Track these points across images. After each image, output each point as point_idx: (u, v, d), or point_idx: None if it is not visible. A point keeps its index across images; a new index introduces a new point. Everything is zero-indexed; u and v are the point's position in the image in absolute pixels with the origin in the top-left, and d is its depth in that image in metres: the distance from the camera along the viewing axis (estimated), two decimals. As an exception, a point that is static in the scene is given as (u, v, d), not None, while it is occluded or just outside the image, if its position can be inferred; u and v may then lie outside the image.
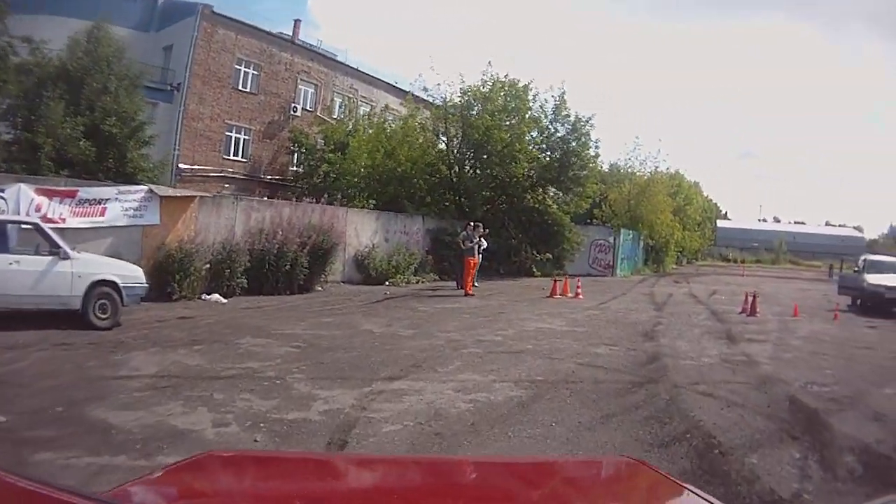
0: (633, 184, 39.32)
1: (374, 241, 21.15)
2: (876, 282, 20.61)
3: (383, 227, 21.96)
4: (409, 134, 27.23)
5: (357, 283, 20.04)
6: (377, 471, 2.48)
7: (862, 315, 19.61)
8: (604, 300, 20.33)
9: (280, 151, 32.79)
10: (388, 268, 20.72)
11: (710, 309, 19.45)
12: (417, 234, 23.47)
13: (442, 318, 14.10)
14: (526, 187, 27.89)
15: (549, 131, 28.30)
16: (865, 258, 22.93)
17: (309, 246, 16.79)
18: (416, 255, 22.39)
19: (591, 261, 33.00)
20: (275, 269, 16.16)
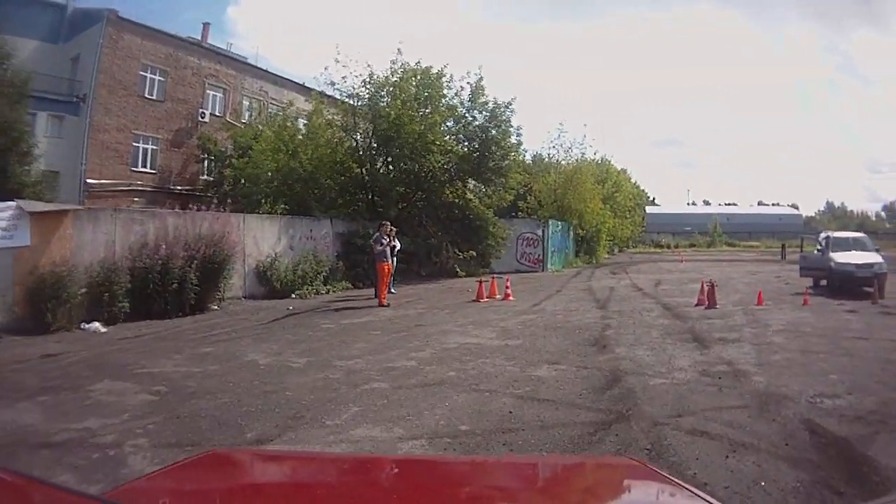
0: (558, 172, 38.47)
1: (277, 249, 19.67)
2: (844, 260, 19.35)
3: (287, 233, 20.45)
4: (315, 132, 25.98)
5: (260, 298, 18.38)
6: (377, 471, 2.61)
7: (831, 297, 18.20)
8: (537, 300, 18.19)
9: (189, 160, 32.44)
10: (293, 278, 19.28)
11: (662, 303, 17.50)
12: (326, 239, 22.02)
13: (346, 337, 11.97)
14: (444, 181, 26.78)
15: (466, 120, 27.11)
16: (829, 235, 21.58)
17: (198, 260, 15.38)
18: (325, 262, 20.88)
19: (518, 256, 31.47)
20: (160, 289, 14.68)
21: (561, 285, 23.36)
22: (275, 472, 2.40)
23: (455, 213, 26.95)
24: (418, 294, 19.83)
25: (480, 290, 18.28)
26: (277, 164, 24.73)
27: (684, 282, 24.61)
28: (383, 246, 17.25)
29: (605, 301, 17.96)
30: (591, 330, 12.62)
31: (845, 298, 17.66)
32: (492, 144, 26.58)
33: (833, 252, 20.02)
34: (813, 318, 14.34)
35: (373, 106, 24.98)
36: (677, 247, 74.08)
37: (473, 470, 2.67)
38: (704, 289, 16.83)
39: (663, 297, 18.81)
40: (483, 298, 17.97)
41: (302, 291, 19.07)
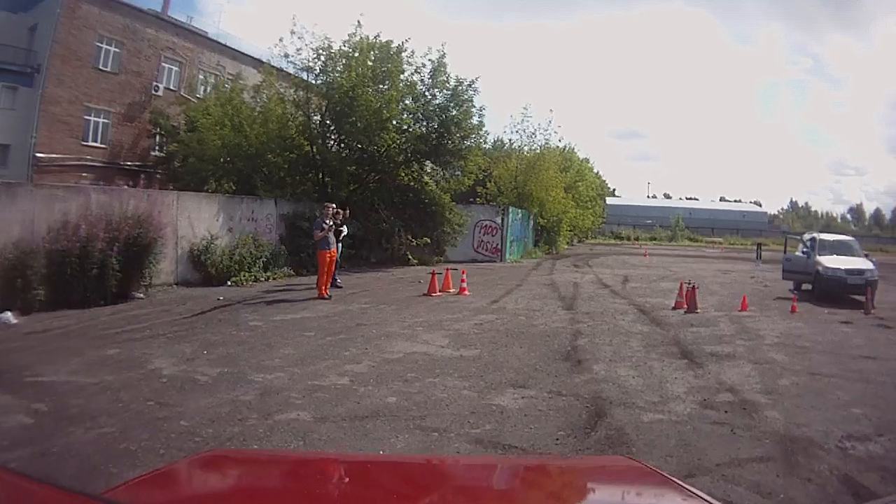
0: (520, 158, 37.31)
1: (214, 231, 18.33)
2: (833, 265, 18.27)
3: (226, 214, 19.08)
4: (264, 107, 24.97)
5: (194, 285, 17.04)
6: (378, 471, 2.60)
7: (818, 304, 17.16)
8: (496, 296, 16.64)
9: (141, 135, 32.02)
10: (229, 264, 17.97)
11: (635, 304, 16.08)
12: (269, 221, 20.82)
13: (274, 339, 10.36)
14: (399, 163, 25.76)
15: (425, 98, 25.84)
16: (815, 237, 20.47)
17: (120, 242, 14.13)
18: (266, 246, 19.56)
19: (475, 244, 30.01)
20: (79, 275, 13.41)
21: (521, 278, 21.90)
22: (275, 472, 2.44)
23: (410, 196, 25.97)
24: (365, 284, 18.39)
25: (433, 282, 16.68)
26: (223, 140, 23.53)
27: (653, 279, 23.38)
28: (324, 231, 15.50)
29: (571, 300, 16.47)
30: (561, 337, 11.07)
31: (833, 306, 16.71)
32: (451, 125, 25.43)
33: (820, 255, 18.96)
34: (808, 329, 13.15)
35: (326, 79, 23.87)
36: (637, 239, 73.51)
37: (473, 470, 2.75)
38: (684, 290, 15.50)
39: (635, 297, 17.43)
40: (436, 292, 16.39)
41: (238, 278, 17.79)
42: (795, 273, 20.37)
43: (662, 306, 15.62)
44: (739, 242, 73.53)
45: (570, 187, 45.12)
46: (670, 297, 16.99)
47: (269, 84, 25.27)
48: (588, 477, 2.54)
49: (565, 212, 41.93)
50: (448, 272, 17.80)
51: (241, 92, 26.39)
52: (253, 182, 23.28)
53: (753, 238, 76.85)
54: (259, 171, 23.59)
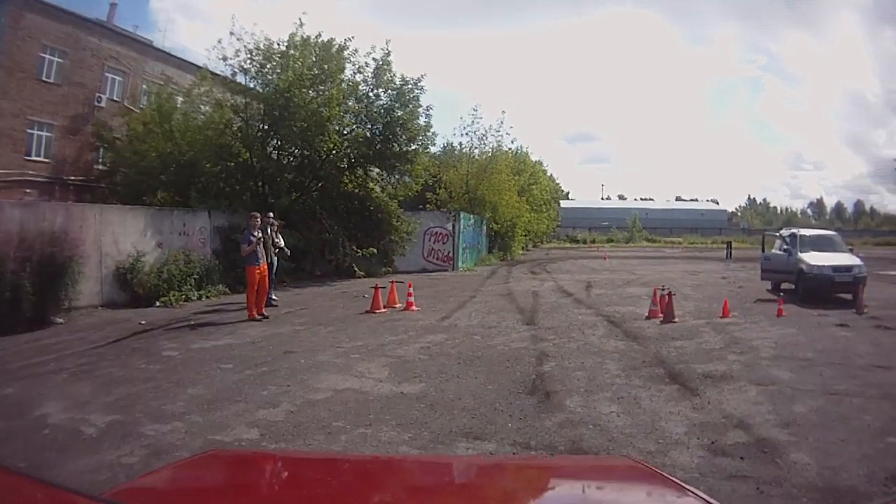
0: (471, 161, 36.37)
1: (141, 248, 17.26)
2: (818, 263, 17.25)
3: (154, 228, 18.08)
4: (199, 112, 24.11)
5: (121, 306, 15.92)
6: (378, 470, 2.69)
7: (804, 305, 16.05)
8: (447, 311, 15.10)
9: (85, 148, 30.69)
10: (158, 283, 16.93)
11: (603, 314, 14.66)
12: (202, 235, 19.75)
13: (185, 375, 8.94)
14: (343, 169, 25.06)
15: (369, 99, 25.03)
16: (795, 233, 19.40)
17: (33, 262, 13.29)
18: (197, 262, 18.34)
19: (426, 253, 28.77)
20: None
21: (475, 289, 20.41)
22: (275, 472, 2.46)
23: (355, 204, 25.01)
24: (304, 301, 17.10)
25: (376, 298, 15.08)
26: (156, 150, 22.55)
27: (618, 284, 22.10)
28: (252, 244, 13.89)
29: (531, 312, 14.98)
30: (523, 362, 9.51)
31: (820, 306, 15.68)
32: (397, 126, 24.69)
33: (802, 253, 17.89)
34: (803, 336, 11.98)
35: (262, 80, 22.98)
36: (594, 242, 73.15)
37: (473, 470, 2.78)
38: (658, 297, 14.16)
39: (602, 306, 16.00)
40: (379, 309, 14.84)
41: (168, 298, 16.62)
42: (776, 273, 19.37)
43: (634, 316, 14.27)
44: (700, 241, 73.71)
45: (523, 191, 44.65)
46: (641, 304, 15.78)
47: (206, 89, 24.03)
48: (588, 477, 2.52)
49: (519, 216, 41.17)
50: (393, 285, 16.27)
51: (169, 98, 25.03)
52: (188, 193, 22.26)
53: (713, 237, 77.51)
54: (195, 181, 22.58)
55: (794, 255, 18.14)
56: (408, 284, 16.16)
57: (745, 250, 57.32)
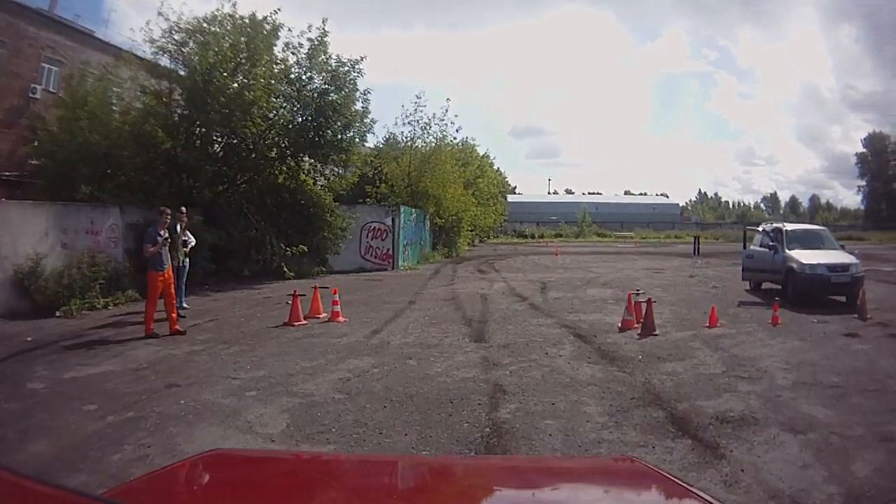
0: (414, 152, 34.25)
1: (42, 249, 15.37)
2: (811, 261, 15.29)
3: (57, 226, 16.04)
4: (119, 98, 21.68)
5: (21, 317, 13.91)
6: (378, 470, 2.68)
7: (797, 310, 14.03)
8: (380, 322, 12.61)
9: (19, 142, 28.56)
10: (59, 289, 14.97)
11: (567, 325, 12.29)
12: (113, 233, 17.64)
13: (32, 422, 6.95)
14: (273, 159, 23.10)
15: (301, 82, 22.92)
16: (780, 228, 17.35)
17: None
18: (102, 266, 16.19)
19: (363, 251, 26.29)
20: None
21: (415, 292, 17.93)
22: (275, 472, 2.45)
23: (286, 197, 23.06)
24: (218, 310, 14.81)
25: (295, 307, 12.58)
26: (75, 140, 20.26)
27: (577, 284, 19.81)
28: (157, 244, 11.59)
29: (480, 323, 12.54)
30: (472, 404, 7.03)
31: (813, 310, 13.89)
32: (330, 111, 22.56)
33: (791, 250, 15.96)
34: (814, 352, 10.02)
35: (182, 61, 20.98)
36: (542, 237, 71.23)
37: (473, 470, 2.82)
38: (633, 304, 11.92)
39: (565, 314, 13.65)
40: (299, 321, 12.37)
41: (69, 307, 14.62)
42: (759, 272, 17.46)
43: (605, 327, 11.97)
44: (652, 236, 72.63)
45: (469, 184, 42.51)
46: (609, 311, 13.76)
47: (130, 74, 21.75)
48: (589, 477, 2.52)
49: (465, 210, 38.91)
50: (317, 291, 13.72)
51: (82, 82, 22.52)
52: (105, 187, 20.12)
53: (666, 231, 76.52)
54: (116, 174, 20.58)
55: (781, 252, 16.19)
56: (333, 291, 13.53)
57: (706, 245, 55.67)
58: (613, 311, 13.80)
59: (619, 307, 14.37)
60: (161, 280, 11.56)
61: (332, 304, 13.04)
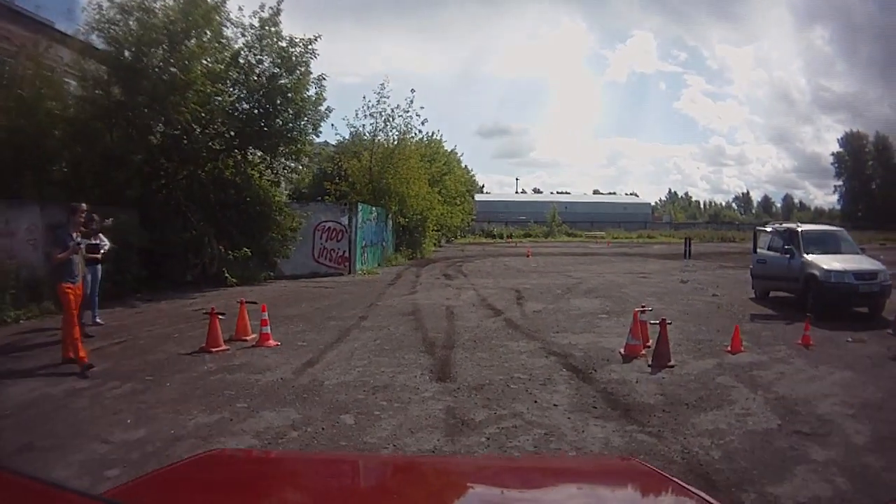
0: (376, 145, 31.92)
1: None
2: (834, 267, 13.27)
3: None
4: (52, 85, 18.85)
5: None
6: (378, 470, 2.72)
7: (819, 324, 11.63)
8: (319, 347, 10.02)
9: None
10: None
11: (554, 352, 9.77)
12: (31, 235, 15.47)
13: None
14: (217, 150, 20.71)
15: (249, 64, 20.54)
16: (795, 229, 15.17)
17: None
18: (11, 273, 13.97)
19: (317, 253, 23.53)
20: None
21: (370, 303, 15.33)
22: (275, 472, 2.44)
23: (231, 194, 20.48)
24: (134, 327, 12.36)
25: (214, 328, 9.97)
26: None
27: (557, 293, 17.33)
28: (69, 250, 9.43)
29: (445, 349, 9.93)
30: None
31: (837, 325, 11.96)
32: (279, 96, 20.29)
33: (810, 254, 13.87)
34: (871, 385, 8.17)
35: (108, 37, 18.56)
36: (511, 236, 68.81)
37: (473, 470, 2.80)
38: (639, 328, 9.52)
39: (549, 335, 11.14)
40: (218, 346, 9.81)
41: None
42: (772, 280, 15.25)
43: (603, 353, 9.51)
44: (624, 236, 70.77)
45: (435, 181, 39.97)
46: (603, 329, 11.52)
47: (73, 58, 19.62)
48: (588, 477, 2.51)
49: (430, 209, 36.37)
50: (243, 307, 10.99)
51: None
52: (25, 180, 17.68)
53: (638, 231, 74.77)
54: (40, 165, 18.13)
55: (798, 257, 14.03)
56: (262, 308, 10.85)
57: (681, 246, 53.67)
58: (608, 329, 11.42)
59: (614, 323, 12.04)
60: (73, 293, 9.22)
61: (260, 325, 10.45)
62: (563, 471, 2.73)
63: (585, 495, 2.23)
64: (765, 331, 11.51)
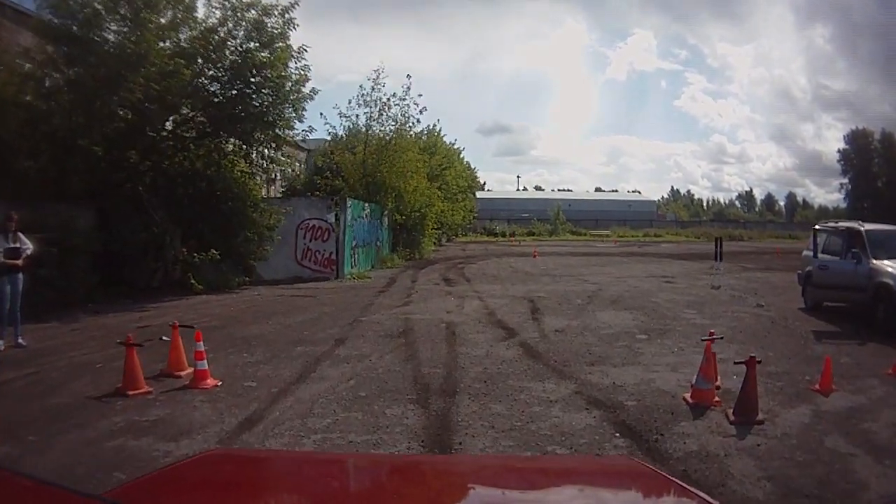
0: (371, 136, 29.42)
1: None
2: None
3: None
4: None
5: None
6: (378, 470, 2.62)
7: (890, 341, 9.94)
8: (270, 391, 7.41)
9: None
10: None
11: (594, 398, 7.12)
12: None
13: None
14: (186, 139, 18.63)
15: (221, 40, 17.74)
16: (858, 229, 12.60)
17: None
18: None
19: (300, 255, 20.90)
20: None
21: (352, 318, 12.59)
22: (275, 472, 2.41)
23: (201, 188, 18.27)
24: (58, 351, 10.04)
25: (131, 364, 7.46)
26: None
27: (577, 303, 14.68)
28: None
29: (445, 396, 7.28)
30: None
31: None
32: (252, 73, 17.66)
33: (881, 259, 11.55)
34: None
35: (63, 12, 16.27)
36: (514, 235, 66.35)
37: (473, 470, 2.70)
38: (712, 364, 6.91)
39: (584, 369, 8.44)
40: (138, 388, 7.39)
41: None
42: (833, 289, 12.72)
43: (661, 400, 6.95)
44: (630, 234, 68.73)
45: (435, 175, 37.22)
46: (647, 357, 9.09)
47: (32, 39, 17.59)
48: (588, 477, 2.46)
49: (430, 205, 33.50)
50: (176, 332, 8.36)
51: None
52: None
53: (644, 229, 72.46)
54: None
55: (866, 262, 11.61)
56: (195, 336, 7.95)
57: (689, 244, 51.94)
58: (656, 358, 8.86)
59: (658, 348, 9.52)
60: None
61: (195, 358, 7.81)
62: (563, 471, 2.68)
63: (585, 495, 2.18)
64: (841, 356, 9.02)
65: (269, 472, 2.41)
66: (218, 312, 13.44)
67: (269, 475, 2.33)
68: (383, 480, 2.39)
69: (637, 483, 2.29)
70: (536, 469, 2.77)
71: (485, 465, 3.13)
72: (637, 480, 2.32)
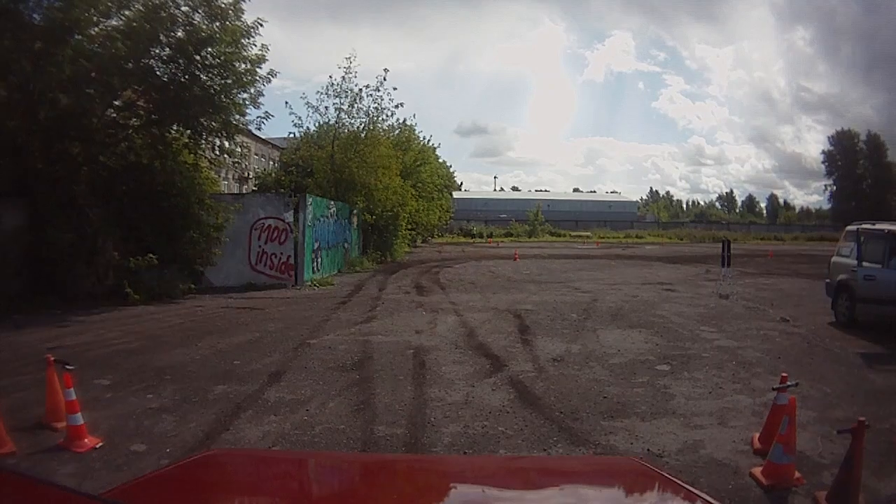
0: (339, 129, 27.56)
1: None
2: None
3: None
4: None
5: None
6: (378, 470, 2.59)
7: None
8: (161, 461, 5.19)
9: None
10: None
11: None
12: None
13: None
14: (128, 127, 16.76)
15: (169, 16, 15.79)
16: None
17: None
18: None
19: (255, 259, 18.62)
20: None
21: (298, 342, 10.30)
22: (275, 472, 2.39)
23: (144, 182, 16.41)
24: None
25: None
26: None
27: (573, 319, 12.51)
28: None
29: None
30: None
31: None
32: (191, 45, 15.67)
33: None
34: None
35: None
36: (491, 235, 64.66)
37: (474, 470, 2.69)
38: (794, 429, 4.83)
39: (598, 426, 6.30)
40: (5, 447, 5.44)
41: None
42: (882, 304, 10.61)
43: (723, 481, 4.88)
44: (611, 235, 67.49)
45: (409, 172, 34.99)
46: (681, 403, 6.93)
47: None
48: (589, 477, 2.47)
49: (403, 204, 31.30)
50: (51, 367, 6.19)
51: None
52: None
53: (625, 230, 71.12)
54: None
55: None
56: (65, 381, 5.73)
57: (674, 246, 50.56)
58: (693, 403, 6.82)
59: (690, 388, 7.45)
60: None
61: (66, 411, 5.66)
62: (563, 471, 2.66)
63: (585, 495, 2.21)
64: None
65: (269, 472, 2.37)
66: (145, 329, 11.25)
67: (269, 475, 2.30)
68: (383, 480, 2.35)
69: (637, 483, 2.25)
70: (536, 469, 2.75)
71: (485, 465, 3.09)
72: (637, 480, 2.29)
